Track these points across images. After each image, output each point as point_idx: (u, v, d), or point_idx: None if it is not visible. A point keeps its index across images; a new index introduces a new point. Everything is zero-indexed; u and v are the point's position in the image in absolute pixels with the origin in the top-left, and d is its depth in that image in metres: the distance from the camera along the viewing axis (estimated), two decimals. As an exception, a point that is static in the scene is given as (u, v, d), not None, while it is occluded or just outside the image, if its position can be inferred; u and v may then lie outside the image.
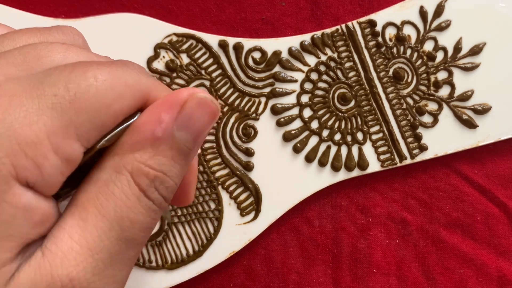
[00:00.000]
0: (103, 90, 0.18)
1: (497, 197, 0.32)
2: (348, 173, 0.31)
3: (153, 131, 0.19)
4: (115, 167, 0.18)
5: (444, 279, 0.32)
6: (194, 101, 0.19)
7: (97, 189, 0.18)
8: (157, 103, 0.19)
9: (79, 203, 0.18)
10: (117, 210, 0.18)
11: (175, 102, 0.19)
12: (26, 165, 0.16)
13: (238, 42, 0.31)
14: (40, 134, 0.17)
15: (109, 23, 0.31)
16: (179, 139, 0.19)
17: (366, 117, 0.32)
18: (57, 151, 0.17)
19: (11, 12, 0.30)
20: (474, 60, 0.31)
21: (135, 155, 0.19)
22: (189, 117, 0.19)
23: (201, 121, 0.20)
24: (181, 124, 0.19)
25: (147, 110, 0.19)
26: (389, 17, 0.31)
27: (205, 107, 0.20)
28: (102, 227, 0.18)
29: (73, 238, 0.18)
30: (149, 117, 0.19)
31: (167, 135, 0.19)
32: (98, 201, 0.18)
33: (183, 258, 0.31)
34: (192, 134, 0.20)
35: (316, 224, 0.32)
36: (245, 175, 0.31)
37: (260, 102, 0.31)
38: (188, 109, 0.19)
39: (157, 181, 0.19)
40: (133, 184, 0.18)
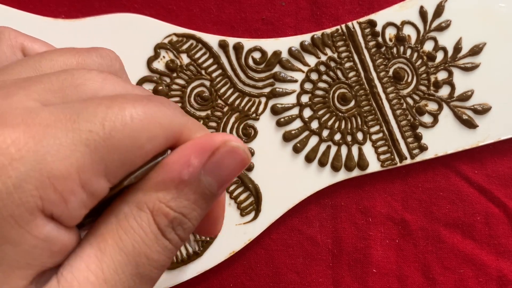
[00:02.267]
0: (138, 131, 0.18)
1: (497, 197, 0.32)
2: (348, 173, 0.31)
3: (180, 173, 0.19)
4: (137, 203, 0.19)
5: (444, 279, 0.32)
6: (226, 149, 0.19)
7: (118, 222, 0.18)
8: (189, 145, 0.19)
9: (98, 233, 0.18)
10: (135, 245, 0.18)
11: (207, 147, 0.19)
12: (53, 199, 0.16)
13: (238, 42, 0.31)
14: (71, 170, 0.17)
15: (109, 23, 0.31)
16: (204, 184, 0.19)
17: (366, 117, 0.32)
18: (84, 187, 0.17)
19: (11, 12, 0.30)
20: (474, 60, 0.31)
21: (158, 194, 0.19)
22: (219, 164, 0.19)
23: (229, 169, 0.20)
24: (209, 170, 0.19)
25: (177, 150, 0.19)
26: (389, 17, 0.31)
27: (236, 156, 0.20)
28: (119, 260, 0.18)
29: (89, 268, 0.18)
30: (178, 158, 0.19)
31: (193, 179, 0.19)
32: (117, 233, 0.18)
33: (183, 258, 0.31)
34: (219, 181, 0.20)
35: (316, 224, 0.32)
36: (245, 175, 0.31)
37: (260, 102, 0.31)
38: (218, 156, 0.19)
39: (175, 222, 0.19)
40: (153, 222, 0.19)
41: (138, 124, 0.18)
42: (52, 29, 0.30)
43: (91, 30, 0.30)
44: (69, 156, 0.17)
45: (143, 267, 0.18)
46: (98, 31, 0.31)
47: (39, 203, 0.16)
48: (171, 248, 0.19)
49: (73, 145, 0.17)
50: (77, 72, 0.19)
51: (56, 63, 0.20)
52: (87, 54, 0.21)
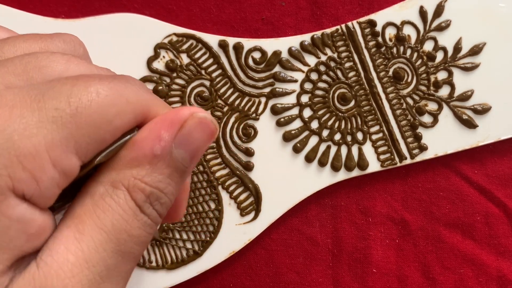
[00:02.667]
0: (105, 106, 0.18)
1: (497, 197, 0.32)
2: (348, 173, 0.31)
3: (152, 148, 0.19)
4: (112, 182, 0.19)
5: (444, 279, 0.32)
6: (194, 120, 0.19)
7: (94, 202, 0.18)
8: (157, 120, 0.19)
9: (75, 215, 0.18)
10: (115, 223, 0.18)
11: (176, 121, 0.19)
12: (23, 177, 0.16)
13: (238, 42, 0.31)
14: (39, 147, 0.16)
15: (109, 23, 0.31)
16: (177, 157, 0.19)
17: (366, 117, 0.32)
18: (55, 164, 0.17)
19: (11, 12, 0.30)
20: (474, 60, 0.31)
21: (132, 171, 0.19)
22: (188, 136, 0.19)
23: (199, 140, 0.20)
24: (180, 143, 0.19)
25: (146, 126, 0.19)
26: (389, 17, 0.31)
27: (204, 127, 0.20)
28: (99, 239, 0.18)
29: (69, 249, 0.18)
30: (148, 134, 0.19)
31: (165, 153, 0.19)
32: (95, 213, 0.18)
33: (183, 258, 0.31)
34: (190, 152, 0.20)
35: (316, 224, 0.32)
36: (245, 175, 0.31)
37: (260, 102, 0.31)
38: (187, 128, 0.19)
39: (152, 197, 0.19)
40: (130, 199, 0.19)
41: (105, 100, 0.18)
42: (52, 29, 0.30)
43: (91, 30, 0.30)
44: (36, 134, 0.17)
45: (125, 244, 0.18)
46: (98, 31, 0.31)
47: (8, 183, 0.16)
48: (150, 223, 0.19)
49: (39, 122, 0.17)
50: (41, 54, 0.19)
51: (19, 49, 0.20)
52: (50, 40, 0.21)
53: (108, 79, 0.18)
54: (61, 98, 0.17)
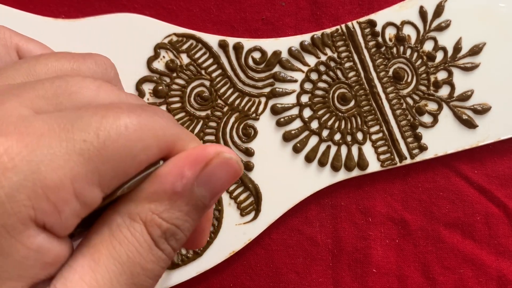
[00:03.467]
0: (132, 141, 0.18)
1: (497, 197, 0.32)
2: (348, 173, 0.31)
3: (173, 185, 0.19)
4: (130, 213, 0.19)
5: (444, 279, 0.32)
6: (219, 160, 0.19)
7: (111, 232, 0.18)
8: (182, 156, 0.19)
9: (92, 244, 0.18)
10: (130, 255, 0.18)
11: (200, 159, 0.19)
12: (46, 209, 0.16)
13: (238, 42, 0.31)
14: (64, 179, 0.17)
15: (109, 23, 0.31)
16: (197, 195, 0.19)
17: (366, 117, 0.32)
18: (78, 196, 0.17)
19: (11, 12, 0.30)
20: (474, 60, 0.31)
21: (151, 205, 0.19)
22: (212, 175, 0.19)
23: (222, 180, 0.20)
24: (202, 181, 0.19)
25: (171, 161, 0.19)
26: (389, 17, 0.31)
27: (229, 168, 0.20)
28: (113, 271, 0.18)
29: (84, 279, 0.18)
30: (172, 170, 0.19)
31: (186, 190, 0.19)
32: (111, 244, 0.18)
33: (183, 258, 0.31)
34: (211, 192, 0.20)
35: (316, 224, 0.32)
36: (245, 175, 0.31)
37: (260, 102, 0.31)
38: (212, 167, 0.19)
39: (168, 233, 0.19)
40: (146, 232, 0.19)
41: (133, 134, 0.18)
42: (52, 29, 0.30)
43: (91, 30, 0.30)
44: (63, 166, 0.16)
45: (138, 277, 0.18)
46: (98, 31, 0.31)
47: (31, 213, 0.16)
48: (165, 258, 0.19)
49: (67, 154, 0.17)
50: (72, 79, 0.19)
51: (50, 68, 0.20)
52: (82, 61, 0.21)
53: (137, 112, 0.18)
54: (90, 130, 0.17)
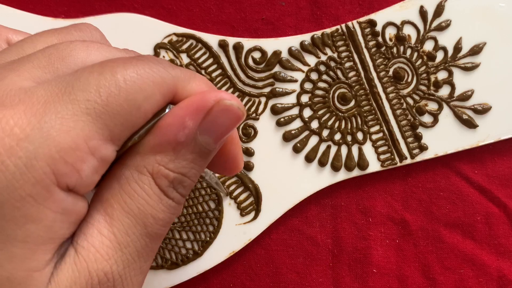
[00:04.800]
0: (133, 92, 0.18)
1: (497, 197, 0.32)
2: (348, 173, 0.31)
3: (176, 135, 0.19)
4: (137, 166, 0.19)
5: (444, 279, 0.32)
6: (220, 107, 0.19)
7: (120, 186, 0.19)
8: (183, 105, 0.19)
9: (104, 199, 0.19)
10: (140, 207, 0.19)
11: (201, 107, 0.19)
12: (66, 171, 0.17)
13: (238, 42, 0.31)
14: (77, 140, 0.17)
15: (109, 23, 0.31)
16: (201, 143, 0.20)
17: (366, 117, 0.32)
18: (94, 154, 0.17)
19: (11, 12, 0.30)
20: (474, 60, 0.31)
21: (157, 157, 0.19)
22: (214, 122, 0.20)
23: (225, 126, 0.20)
24: (205, 129, 0.19)
25: (172, 111, 0.19)
26: (389, 17, 0.31)
27: (230, 114, 0.20)
28: (128, 223, 0.19)
29: (102, 233, 0.18)
30: (173, 120, 0.19)
31: (189, 139, 0.19)
32: (122, 198, 0.19)
33: (183, 258, 0.31)
34: (215, 137, 0.20)
35: (316, 224, 0.32)
36: (245, 175, 0.31)
37: (260, 102, 0.31)
38: (213, 115, 0.19)
39: (176, 182, 0.19)
40: (154, 184, 0.19)
41: (132, 86, 0.18)
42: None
43: (91, 30, 0.30)
44: (73, 127, 0.17)
45: (151, 227, 0.19)
46: (98, 31, 0.31)
47: (53, 179, 0.17)
48: (175, 205, 0.20)
49: (75, 115, 0.17)
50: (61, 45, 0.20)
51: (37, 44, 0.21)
52: (66, 31, 0.22)
53: (133, 63, 0.19)
54: (91, 89, 0.18)
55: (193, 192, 0.31)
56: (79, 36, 0.22)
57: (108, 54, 0.20)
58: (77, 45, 0.20)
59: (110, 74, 0.18)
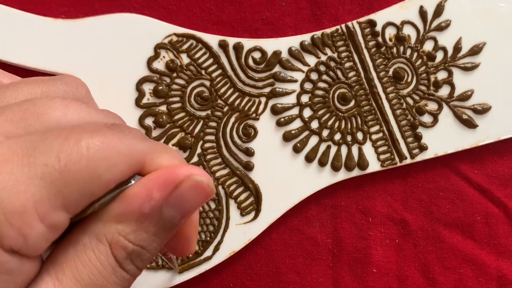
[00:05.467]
0: (95, 161, 0.17)
1: (497, 197, 0.32)
2: (348, 173, 0.31)
3: (141, 206, 0.19)
4: (96, 234, 0.19)
5: (444, 279, 0.32)
6: (189, 183, 0.19)
7: (76, 252, 0.18)
8: (152, 177, 0.19)
9: (57, 262, 0.19)
10: (92, 277, 0.18)
11: (170, 181, 0.19)
12: (10, 234, 0.17)
13: (238, 42, 0.31)
14: (26, 204, 0.17)
15: (109, 23, 0.31)
16: (166, 216, 0.19)
17: (366, 117, 0.32)
18: (43, 220, 0.17)
19: (11, 12, 0.30)
20: (474, 60, 0.31)
21: (118, 226, 0.19)
22: (181, 197, 0.19)
23: (193, 202, 0.20)
24: (172, 204, 0.19)
25: (140, 182, 0.19)
26: (389, 17, 0.31)
27: (200, 191, 0.20)
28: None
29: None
30: (140, 191, 0.19)
31: (154, 212, 0.19)
32: (75, 264, 0.18)
33: (183, 258, 0.31)
34: (181, 213, 0.20)
35: (316, 224, 0.32)
36: (245, 175, 0.31)
37: (260, 102, 0.31)
38: (182, 190, 0.19)
39: (134, 255, 0.19)
40: (110, 255, 0.19)
41: (95, 154, 0.17)
42: (52, 29, 0.30)
43: (91, 30, 0.30)
44: (24, 191, 0.17)
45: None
46: (98, 31, 0.31)
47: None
48: (129, 278, 0.19)
49: (29, 179, 0.17)
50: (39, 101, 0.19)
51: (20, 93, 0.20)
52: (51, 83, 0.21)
53: (101, 131, 0.18)
54: (51, 153, 0.17)
55: (193, 192, 0.31)
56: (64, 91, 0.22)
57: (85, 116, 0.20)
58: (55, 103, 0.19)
59: (74, 141, 0.17)
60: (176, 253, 0.23)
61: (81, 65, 0.30)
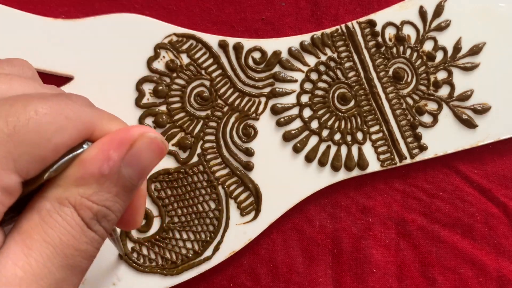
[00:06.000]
0: (43, 124, 0.18)
1: (496, 197, 0.32)
2: (348, 173, 0.31)
3: (100, 168, 0.19)
4: (58, 199, 0.19)
5: (443, 279, 0.32)
6: (143, 140, 0.20)
7: (41, 218, 0.19)
8: (107, 139, 0.19)
9: (22, 230, 0.19)
10: (62, 238, 0.18)
11: (125, 141, 0.19)
12: None
13: (238, 42, 0.31)
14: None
15: (109, 23, 0.31)
16: (125, 176, 0.20)
17: (366, 117, 0.32)
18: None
19: (11, 12, 0.30)
20: (473, 60, 0.32)
21: (79, 189, 0.19)
22: (137, 155, 0.20)
23: (149, 160, 0.20)
24: (129, 162, 0.20)
25: (95, 145, 0.19)
26: (388, 17, 0.31)
27: (154, 147, 0.20)
28: (47, 254, 0.18)
29: (17, 264, 0.18)
30: (97, 153, 0.19)
31: (113, 172, 0.19)
32: (42, 229, 0.18)
33: (183, 258, 0.31)
34: (138, 171, 0.20)
35: (316, 224, 0.32)
36: (245, 175, 0.31)
37: (260, 102, 0.31)
38: (137, 148, 0.20)
39: (100, 215, 0.19)
40: (77, 215, 0.19)
41: (43, 118, 0.18)
42: (52, 29, 0.30)
43: (91, 30, 0.30)
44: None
45: (72, 258, 0.19)
46: (98, 31, 0.31)
47: None
48: (98, 238, 0.20)
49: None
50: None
51: None
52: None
53: (49, 98, 0.19)
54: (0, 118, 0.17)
55: (193, 192, 0.31)
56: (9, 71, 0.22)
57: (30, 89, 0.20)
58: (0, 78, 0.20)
59: (21, 106, 0.18)
60: (124, 226, 0.24)
61: (81, 65, 0.30)
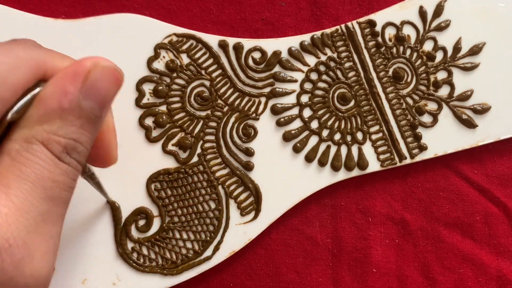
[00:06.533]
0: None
1: (496, 197, 0.32)
2: (348, 173, 0.31)
3: (59, 102, 0.19)
4: (25, 138, 0.19)
5: (443, 279, 0.32)
6: (97, 70, 0.20)
7: (11, 158, 0.19)
8: (61, 75, 0.20)
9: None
10: (37, 172, 0.19)
11: (79, 73, 0.20)
12: None
13: (238, 42, 0.31)
14: None
15: (109, 23, 0.31)
16: (86, 108, 0.20)
17: (366, 117, 0.32)
18: None
19: (11, 12, 0.30)
20: (473, 60, 0.32)
21: (44, 126, 0.19)
22: (94, 86, 0.20)
23: (106, 88, 0.21)
24: (87, 93, 0.20)
25: (51, 82, 0.20)
26: (388, 17, 0.32)
27: (109, 75, 0.21)
28: (26, 189, 0.19)
29: None
30: (54, 89, 0.20)
31: (73, 105, 0.20)
32: (15, 168, 0.19)
33: (183, 258, 0.31)
34: (99, 102, 0.20)
35: (316, 224, 0.32)
36: (245, 175, 0.31)
37: (260, 102, 0.31)
38: (92, 78, 0.20)
39: (69, 147, 0.20)
40: (46, 150, 0.19)
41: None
42: (52, 29, 0.30)
43: (91, 30, 0.30)
44: None
45: (51, 190, 0.19)
46: (98, 31, 0.31)
47: None
48: (72, 170, 0.20)
49: None
50: None
51: None
52: None
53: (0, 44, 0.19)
54: None
55: (193, 192, 0.31)
56: None
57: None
58: None
59: None
60: (99, 163, 0.24)
61: (81, 65, 0.30)
